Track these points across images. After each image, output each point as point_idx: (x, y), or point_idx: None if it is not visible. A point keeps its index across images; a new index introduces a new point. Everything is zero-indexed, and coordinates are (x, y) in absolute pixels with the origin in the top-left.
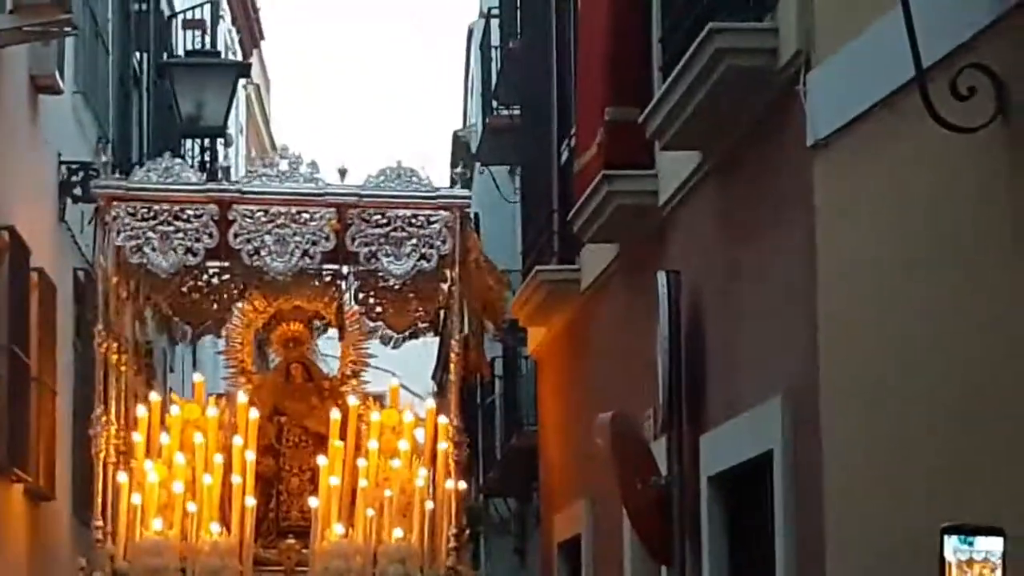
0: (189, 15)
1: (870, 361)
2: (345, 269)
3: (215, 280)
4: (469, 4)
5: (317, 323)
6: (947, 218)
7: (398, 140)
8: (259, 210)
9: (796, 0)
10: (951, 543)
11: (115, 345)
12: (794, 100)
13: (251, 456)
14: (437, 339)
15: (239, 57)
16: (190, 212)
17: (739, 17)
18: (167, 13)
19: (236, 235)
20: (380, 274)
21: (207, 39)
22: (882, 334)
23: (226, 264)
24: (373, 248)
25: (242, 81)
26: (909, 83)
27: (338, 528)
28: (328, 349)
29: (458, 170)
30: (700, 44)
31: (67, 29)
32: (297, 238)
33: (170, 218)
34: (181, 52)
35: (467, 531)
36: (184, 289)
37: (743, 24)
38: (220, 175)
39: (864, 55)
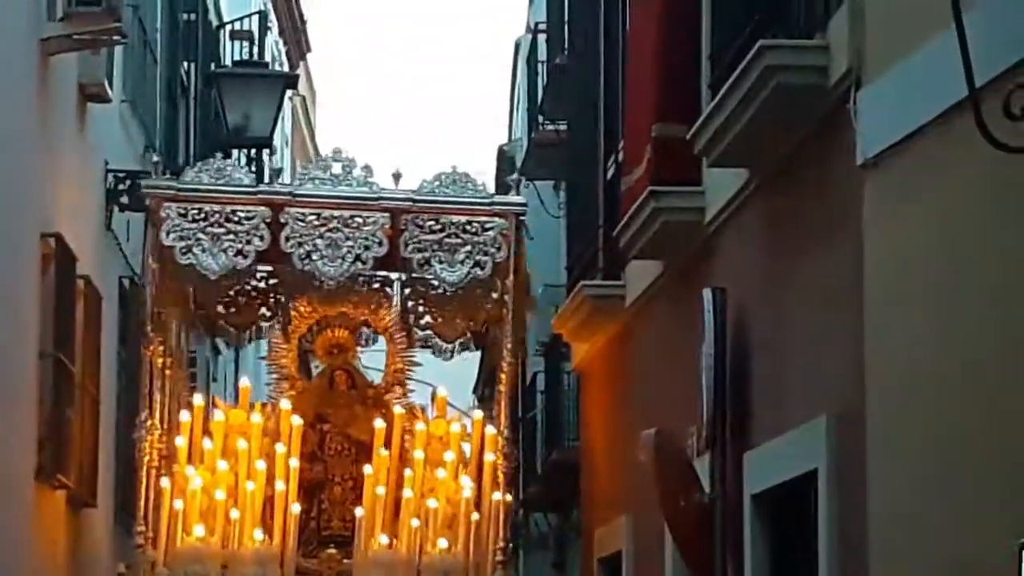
0: (237, 26)
1: (917, 381)
2: (394, 275)
3: (263, 284)
4: (516, 19)
5: (364, 331)
6: (997, 238)
7: (443, 154)
8: (311, 213)
9: (848, 18)
10: None
11: (161, 349)
12: (844, 119)
13: (295, 463)
14: (476, 354)
15: (286, 69)
16: (241, 214)
17: (790, 34)
18: (215, 23)
19: (287, 238)
20: (433, 281)
21: (255, 50)
22: (929, 354)
23: (270, 268)
24: (427, 254)
25: (288, 92)
26: (961, 102)
27: (383, 538)
28: (371, 362)
29: (513, 177)
30: (750, 61)
31: (116, 38)
32: (349, 243)
33: (221, 219)
34: (229, 63)
35: (511, 544)
36: (232, 293)
37: (794, 41)
38: (272, 178)
39: (916, 74)
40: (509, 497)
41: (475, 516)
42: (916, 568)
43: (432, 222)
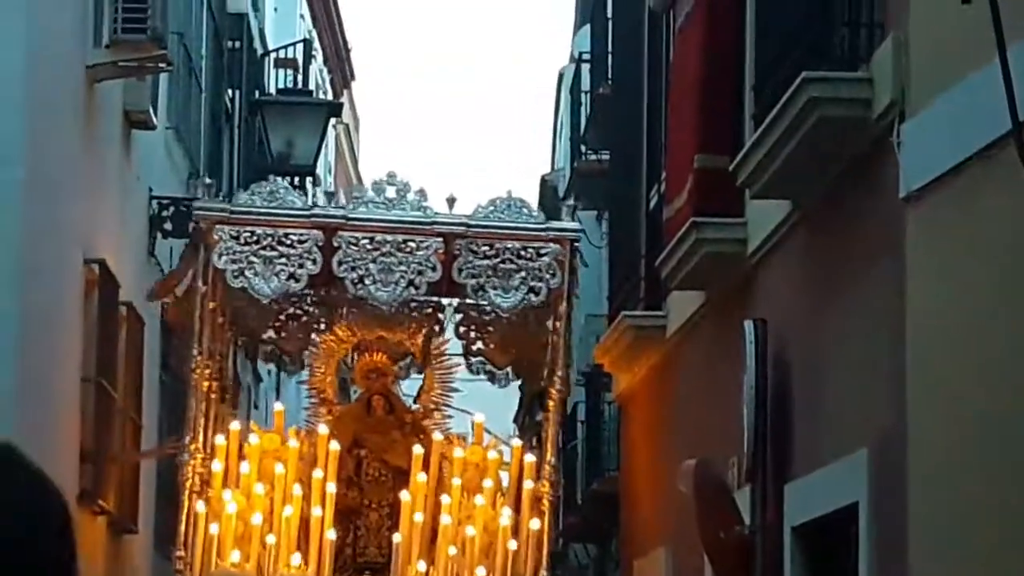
0: (282, 54)
1: (959, 414)
2: (446, 301)
3: (312, 309)
4: (560, 48)
5: (402, 363)
6: None
7: (486, 183)
8: (364, 237)
9: (891, 50)
10: None
11: (207, 372)
12: (887, 151)
13: (332, 488)
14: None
15: (330, 97)
16: (294, 237)
17: (833, 67)
18: (260, 51)
19: (340, 263)
20: (486, 307)
21: (299, 78)
22: (971, 388)
23: (310, 293)
24: (480, 280)
25: (332, 121)
26: (1004, 136)
27: (420, 565)
28: (410, 390)
29: (569, 203)
30: (793, 93)
31: (162, 65)
32: (403, 267)
33: (273, 243)
34: (273, 90)
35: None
36: (282, 317)
37: (837, 74)
38: (328, 200)
39: (959, 107)
40: (545, 525)
41: (512, 544)
42: None
43: (486, 247)
